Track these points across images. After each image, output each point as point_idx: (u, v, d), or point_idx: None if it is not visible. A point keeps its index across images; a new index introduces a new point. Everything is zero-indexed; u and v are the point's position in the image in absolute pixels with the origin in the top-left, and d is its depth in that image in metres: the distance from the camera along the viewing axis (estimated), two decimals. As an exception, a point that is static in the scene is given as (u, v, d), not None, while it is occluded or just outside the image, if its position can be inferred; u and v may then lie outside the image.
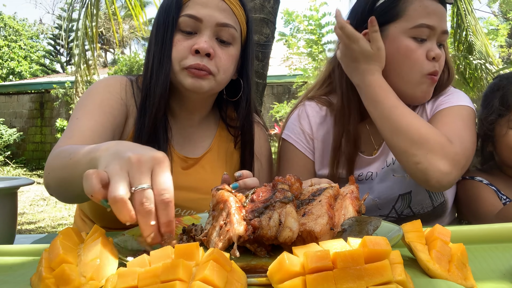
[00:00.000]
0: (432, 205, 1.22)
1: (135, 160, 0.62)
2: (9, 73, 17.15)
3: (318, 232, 0.65)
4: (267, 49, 2.70)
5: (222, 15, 1.08)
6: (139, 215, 0.60)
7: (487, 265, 0.65)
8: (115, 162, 0.63)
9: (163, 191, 0.61)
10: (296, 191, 0.76)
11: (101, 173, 0.61)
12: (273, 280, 0.51)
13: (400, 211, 1.25)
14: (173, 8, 1.07)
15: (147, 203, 0.59)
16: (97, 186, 0.59)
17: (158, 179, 0.62)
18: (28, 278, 0.61)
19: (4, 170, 9.99)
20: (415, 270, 0.61)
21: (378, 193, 1.23)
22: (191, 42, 1.06)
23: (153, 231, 0.60)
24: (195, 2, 1.08)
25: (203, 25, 1.06)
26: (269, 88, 9.50)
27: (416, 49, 1.13)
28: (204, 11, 1.06)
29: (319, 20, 5.38)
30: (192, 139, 1.20)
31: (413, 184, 1.19)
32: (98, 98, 1.07)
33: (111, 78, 1.15)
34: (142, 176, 0.61)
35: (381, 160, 1.24)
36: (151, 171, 0.62)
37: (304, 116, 1.31)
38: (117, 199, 0.58)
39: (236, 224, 0.65)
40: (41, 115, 11.31)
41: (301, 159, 1.29)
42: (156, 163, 0.63)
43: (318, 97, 1.33)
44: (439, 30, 1.14)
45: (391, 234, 0.68)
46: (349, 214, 0.71)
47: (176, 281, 0.47)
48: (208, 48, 1.04)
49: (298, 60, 6.25)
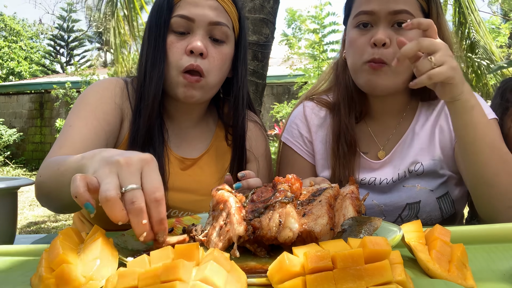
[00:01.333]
0: (442, 217, 1.17)
1: (124, 162, 0.63)
2: (9, 74, 17.15)
3: (318, 233, 0.65)
4: (266, 49, 2.70)
5: (214, 14, 1.07)
6: (130, 214, 0.60)
7: (487, 265, 0.65)
8: (104, 166, 0.64)
9: (154, 189, 0.62)
10: (296, 191, 0.75)
11: (89, 177, 0.62)
12: (273, 280, 0.51)
13: (407, 220, 1.19)
14: (165, 10, 1.07)
15: (137, 202, 0.60)
16: (82, 188, 0.60)
17: (148, 179, 0.63)
18: (28, 278, 0.61)
19: (4, 170, 9.99)
20: (415, 270, 0.61)
21: (385, 200, 1.19)
22: (184, 43, 1.06)
23: (146, 230, 0.61)
24: (186, 2, 1.08)
25: (195, 25, 1.06)
26: (269, 88, 9.49)
27: (358, 38, 1.11)
28: (196, 10, 1.06)
29: (323, 19, 5.37)
30: (189, 140, 1.19)
31: (423, 194, 1.15)
32: (92, 104, 1.07)
33: (106, 81, 1.14)
34: (131, 177, 0.62)
35: (390, 169, 1.19)
36: (140, 172, 0.63)
37: (302, 119, 1.29)
38: (108, 198, 0.59)
39: (236, 224, 0.65)
40: (41, 115, 11.30)
41: (300, 163, 1.27)
42: (145, 164, 0.64)
43: (318, 98, 1.31)
44: (383, 12, 1.08)
45: (391, 234, 0.68)
46: (349, 214, 0.71)
47: (176, 281, 0.47)
48: (202, 47, 1.04)
49: (299, 60, 6.24)
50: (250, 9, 2.61)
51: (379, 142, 1.23)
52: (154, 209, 0.62)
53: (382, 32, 1.07)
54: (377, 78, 1.09)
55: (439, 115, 1.19)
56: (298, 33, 5.79)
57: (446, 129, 1.17)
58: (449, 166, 1.16)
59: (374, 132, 1.24)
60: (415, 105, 1.22)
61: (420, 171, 1.16)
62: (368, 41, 1.09)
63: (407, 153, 1.18)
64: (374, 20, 1.10)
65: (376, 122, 1.24)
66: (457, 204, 1.18)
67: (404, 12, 1.08)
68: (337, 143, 1.21)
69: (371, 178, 1.19)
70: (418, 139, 1.18)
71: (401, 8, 1.08)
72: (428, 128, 1.19)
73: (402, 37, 1.00)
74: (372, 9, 1.09)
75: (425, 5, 1.12)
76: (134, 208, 0.60)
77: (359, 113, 1.23)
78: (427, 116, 1.20)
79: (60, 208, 0.94)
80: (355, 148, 1.20)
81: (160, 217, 0.62)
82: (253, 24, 2.62)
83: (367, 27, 1.11)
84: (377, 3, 1.09)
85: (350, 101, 1.21)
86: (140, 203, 0.60)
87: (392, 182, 1.18)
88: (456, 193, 1.17)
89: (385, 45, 1.07)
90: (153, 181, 0.63)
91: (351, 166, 1.20)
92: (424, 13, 1.12)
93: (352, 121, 1.21)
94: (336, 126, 1.22)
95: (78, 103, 1.09)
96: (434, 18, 1.11)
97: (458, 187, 1.18)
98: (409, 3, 1.09)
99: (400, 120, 1.22)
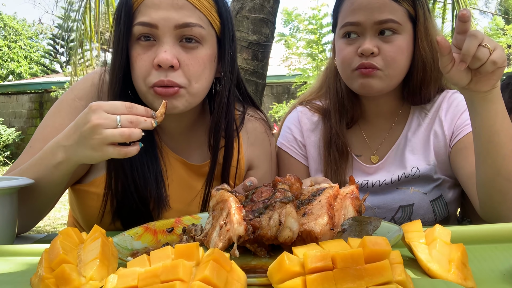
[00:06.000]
0: (435, 220, 1.18)
1: (95, 119, 0.80)
2: (8, 74, 17.14)
3: (318, 232, 0.65)
4: (266, 49, 2.70)
5: (180, 14, 0.93)
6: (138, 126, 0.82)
7: (487, 265, 0.65)
8: (90, 132, 0.81)
9: (124, 106, 0.82)
10: (296, 191, 0.76)
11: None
12: (273, 280, 0.51)
13: (400, 223, 1.20)
14: (123, 17, 0.95)
15: (131, 118, 0.81)
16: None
17: (111, 108, 0.81)
18: (28, 278, 0.61)
19: (3, 170, 9.98)
20: (415, 270, 0.61)
21: (378, 202, 1.20)
22: (151, 55, 0.93)
23: (149, 116, 0.84)
24: (146, 6, 0.93)
25: (160, 31, 0.93)
26: (269, 88, 9.48)
27: (345, 48, 1.13)
28: (158, 14, 0.92)
29: (321, 19, 5.37)
30: (186, 145, 1.13)
31: (416, 197, 1.16)
32: (57, 122, 1.01)
33: (81, 84, 1.08)
34: (112, 115, 0.81)
35: (383, 173, 1.20)
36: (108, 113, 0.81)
37: (296, 123, 1.31)
38: (122, 134, 0.81)
39: (236, 224, 0.65)
40: (41, 115, 11.29)
41: (296, 166, 1.29)
42: (101, 108, 0.81)
43: (311, 103, 1.33)
44: (369, 23, 1.09)
45: (391, 234, 0.68)
46: (349, 214, 0.71)
47: (176, 281, 0.47)
48: (171, 59, 0.91)
49: (297, 60, 6.24)
50: (250, 9, 2.61)
51: (372, 146, 1.24)
52: (134, 111, 0.82)
53: (369, 42, 1.09)
54: (371, 81, 1.10)
55: (433, 120, 1.20)
56: (296, 33, 5.80)
57: (440, 134, 1.18)
58: (442, 170, 1.17)
59: (367, 135, 1.25)
60: (407, 110, 1.24)
61: (416, 175, 1.17)
62: (356, 50, 1.11)
63: (401, 158, 1.19)
64: (361, 30, 1.11)
65: (369, 125, 1.26)
66: (450, 206, 1.19)
67: (390, 21, 1.09)
68: (328, 149, 1.23)
69: (363, 181, 1.20)
70: (411, 145, 1.19)
71: (387, 17, 1.09)
72: (422, 133, 1.20)
73: (390, 47, 1.08)
74: (358, 20, 1.10)
75: (412, 10, 1.13)
76: (136, 120, 0.81)
77: (350, 119, 1.24)
78: (419, 121, 1.21)
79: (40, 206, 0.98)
80: (347, 154, 1.22)
81: (141, 112, 0.83)
82: (253, 24, 2.62)
83: (353, 36, 1.13)
84: (362, 14, 1.10)
85: (341, 108, 1.23)
86: (133, 116, 0.81)
87: (385, 184, 1.19)
88: (449, 196, 1.18)
89: (373, 54, 1.09)
90: (116, 104, 0.82)
91: (342, 171, 1.21)
92: (411, 18, 1.13)
93: (343, 127, 1.22)
94: (327, 133, 1.24)
95: (47, 118, 1.05)
96: (422, 22, 1.13)
97: (452, 190, 1.19)
98: (394, 11, 1.10)
99: (393, 124, 1.24)
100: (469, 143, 1.09)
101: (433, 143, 1.18)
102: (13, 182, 0.84)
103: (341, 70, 1.17)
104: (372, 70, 1.09)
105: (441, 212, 1.18)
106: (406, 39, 1.11)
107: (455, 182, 1.18)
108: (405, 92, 1.20)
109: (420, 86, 1.17)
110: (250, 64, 2.62)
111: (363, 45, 1.08)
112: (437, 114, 1.19)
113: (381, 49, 1.09)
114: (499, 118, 0.93)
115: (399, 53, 1.10)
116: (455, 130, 1.15)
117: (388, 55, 1.09)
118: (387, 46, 1.09)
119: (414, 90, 1.18)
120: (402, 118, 1.23)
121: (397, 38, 1.10)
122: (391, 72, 1.10)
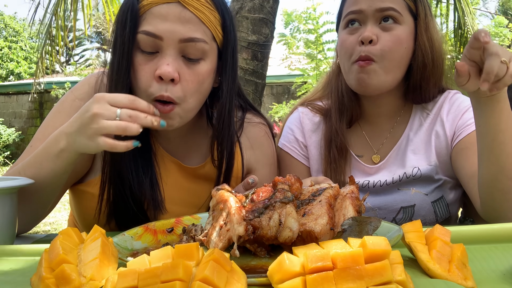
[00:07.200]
0: (437, 221, 1.18)
1: (96, 108, 0.83)
2: (8, 74, 17.13)
3: (318, 232, 0.65)
4: (266, 49, 2.70)
5: (186, 28, 0.92)
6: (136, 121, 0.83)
7: (487, 265, 0.65)
8: (89, 121, 0.83)
9: (127, 99, 0.85)
10: (296, 191, 0.76)
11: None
12: (273, 280, 0.51)
13: (401, 224, 1.19)
14: (129, 23, 0.93)
15: (131, 112, 0.83)
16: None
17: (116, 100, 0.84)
18: (28, 278, 0.61)
19: (3, 170, 9.98)
20: (415, 270, 0.61)
21: (379, 203, 1.19)
22: (153, 65, 0.93)
23: (151, 112, 0.87)
24: (153, 15, 0.93)
25: (164, 43, 0.92)
26: (269, 88, 9.48)
27: (347, 38, 1.15)
28: (164, 26, 0.91)
29: (317, 19, 5.37)
30: (183, 147, 1.12)
31: (418, 198, 1.16)
32: (58, 121, 0.99)
33: (80, 88, 1.08)
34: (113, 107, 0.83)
35: (385, 173, 1.20)
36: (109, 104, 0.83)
37: (297, 124, 1.31)
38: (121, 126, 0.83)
39: (236, 224, 0.65)
40: (41, 115, 11.28)
41: (298, 167, 1.29)
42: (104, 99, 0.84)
43: (312, 104, 1.33)
44: (370, 10, 1.11)
45: (391, 234, 0.68)
46: (349, 214, 0.71)
47: (176, 281, 0.47)
48: (172, 72, 0.91)
49: (297, 60, 6.24)
50: (249, 9, 2.61)
51: (373, 146, 1.24)
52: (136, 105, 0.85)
53: (369, 30, 1.11)
54: (367, 76, 1.11)
55: (434, 120, 1.20)
56: (296, 33, 5.79)
57: (441, 134, 1.18)
58: (443, 171, 1.17)
59: (368, 135, 1.25)
60: (409, 109, 1.24)
61: (417, 176, 1.16)
62: (357, 40, 1.12)
63: (403, 158, 1.19)
64: (362, 18, 1.13)
65: (370, 125, 1.26)
66: (451, 207, 1.19)
67: (391, 10, 1.12)
68: (328, 148, 1.23)
69: (364, 181, 1.20)
70: (413, 145, 1.19)
71: (388, 5, 1.11)
72: (423, 134, 1.19)
73: (388, 36, 1.10)
74: (360, 8, 1.13)
75: (412, 6, 1.15)
76: (136, 116, 0.83)
77: (350, 118, 1.24)
78: (421, 121, 1.21)
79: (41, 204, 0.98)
80: (346, 153, 1.22)
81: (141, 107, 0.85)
82: (252, 24, 2.62)
83: (355, 25, 1.14)
84: (364, 2, 1.12)
85: (342, 106, 1.23)
86: (133, 111, 0.84)
87: (386, 184, 1.19)
88: (451, 197, 1.18)
89: (372, 42, 1.10)
90: (119, 96, 0.85)
91: (342, 171, 1.21)
92: (411, 13, 1.15)
93: (343, 126, 1.22)
94: (328, 132, 1.24)
95: (48, 119, 1.06)
96: (422, 18, 1.15)
97: (453, 191, 1.19)
98: (395, 1, 1.12)
99: (394, 124, 1.23)
100: (470, 144, 1.09)
101: (435, 144, 1.18)
102: (13, 182, 0.84)
103: (342, 63, 1.18)
104: (369, 62, 1.10)
105: (443, 213, 1.18)
106: (405, 31, 1.13)
107: (456, 183, 1.18)
108: (406, 88, 1.20)
109: (420, 82, 1.17)
110: (250, 64, 2.62)
111: (364, 33, 1.11)
112: (438, 115, 1.19)
113: (379, 37, 1.11)
114: (504, 117, 0.93)
115: (397, 43, 1.11)
116: (456, 131, 1.15)
117: (386, 44, 1.10)
118: (386, 35, 1.11)
119: (414, 87, 1.18)
120: (404, 118, 1.23)
121: (396, 28, 1.12)
122: (386, 64, 1.11)
